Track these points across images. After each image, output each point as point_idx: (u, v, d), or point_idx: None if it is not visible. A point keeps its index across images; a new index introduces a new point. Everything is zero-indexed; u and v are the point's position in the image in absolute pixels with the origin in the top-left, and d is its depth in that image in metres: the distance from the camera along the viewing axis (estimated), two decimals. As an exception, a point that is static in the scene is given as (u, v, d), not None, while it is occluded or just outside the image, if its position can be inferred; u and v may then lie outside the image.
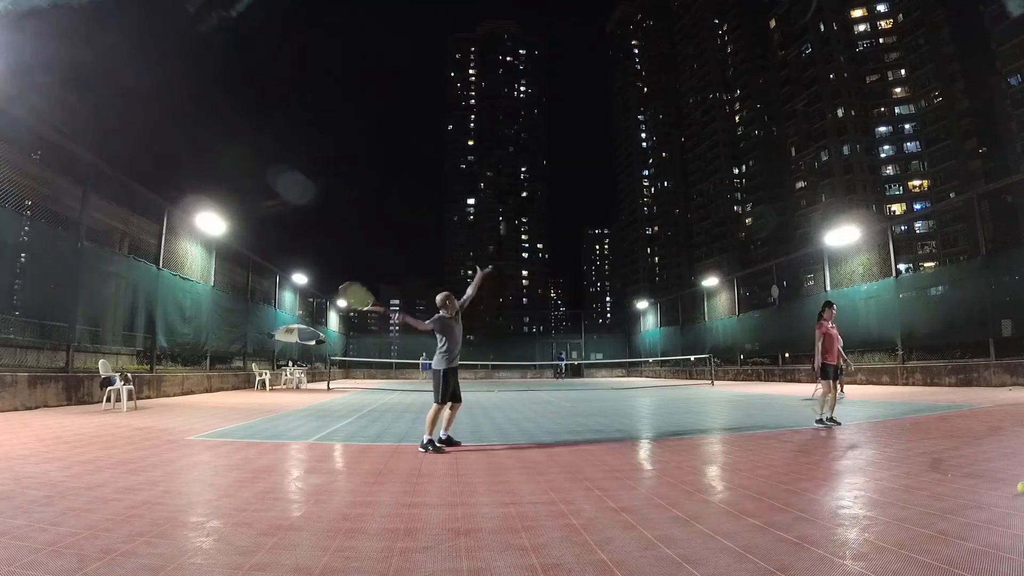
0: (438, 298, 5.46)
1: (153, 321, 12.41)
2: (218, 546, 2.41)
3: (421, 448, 4.95)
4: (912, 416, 7.21)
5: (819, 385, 6.82)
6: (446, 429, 5.28)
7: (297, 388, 17.71)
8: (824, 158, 68.44)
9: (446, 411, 5.27)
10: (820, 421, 6.41)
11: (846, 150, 66.02)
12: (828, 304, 6.98)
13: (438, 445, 5.01)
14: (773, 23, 76.39)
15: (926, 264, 50.97)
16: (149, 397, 11.39)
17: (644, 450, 5.35)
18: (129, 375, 9.49)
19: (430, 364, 5.50)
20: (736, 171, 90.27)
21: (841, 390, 10.80)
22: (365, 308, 5.81)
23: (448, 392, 5.19)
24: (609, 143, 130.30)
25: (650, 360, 31.47)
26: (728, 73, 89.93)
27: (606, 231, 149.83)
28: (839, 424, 6.35)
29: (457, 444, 5.24)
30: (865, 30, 67.73)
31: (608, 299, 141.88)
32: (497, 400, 12.37)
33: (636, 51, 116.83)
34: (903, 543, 2.30)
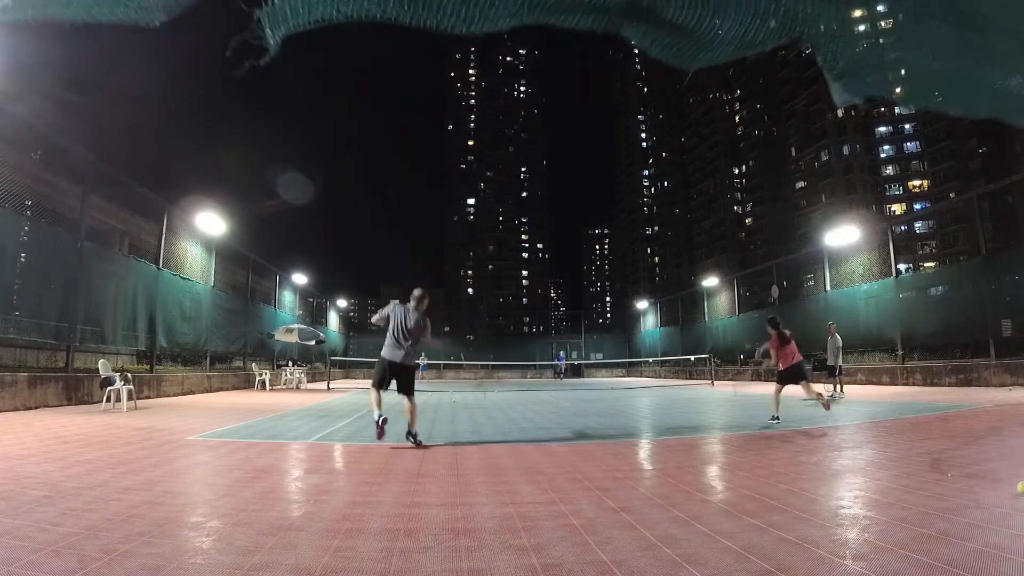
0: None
1: (153, 321, 12.41)
2: (218, 546, 2.41)
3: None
4: (912, 416, 7.21)
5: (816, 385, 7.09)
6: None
7: (297, 388, 17.71)
8: (824, 158, 68.47)
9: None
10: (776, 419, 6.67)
11: (846, 150, 66.06)
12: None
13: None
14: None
15: (926, 264, 51.04)
16: (149, 397, 11.39)
17: (644, 450, 5.35)
18: (129, 375, 9.48)
19: (425, 366, 5.74)
20: (736, 171, 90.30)
21: (841, 390, 10.85)
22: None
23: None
24: (609, 143, 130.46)
25: (650, 360, 31.47)
26: (728, 73, 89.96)
27: (606, 231, 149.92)
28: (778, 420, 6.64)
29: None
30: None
31: (608, 299, 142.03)
32: (497, 400, 12.37)
33: (636, 51, 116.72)
34: (903, 543, 2.30)
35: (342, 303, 32.99)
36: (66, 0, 2.41)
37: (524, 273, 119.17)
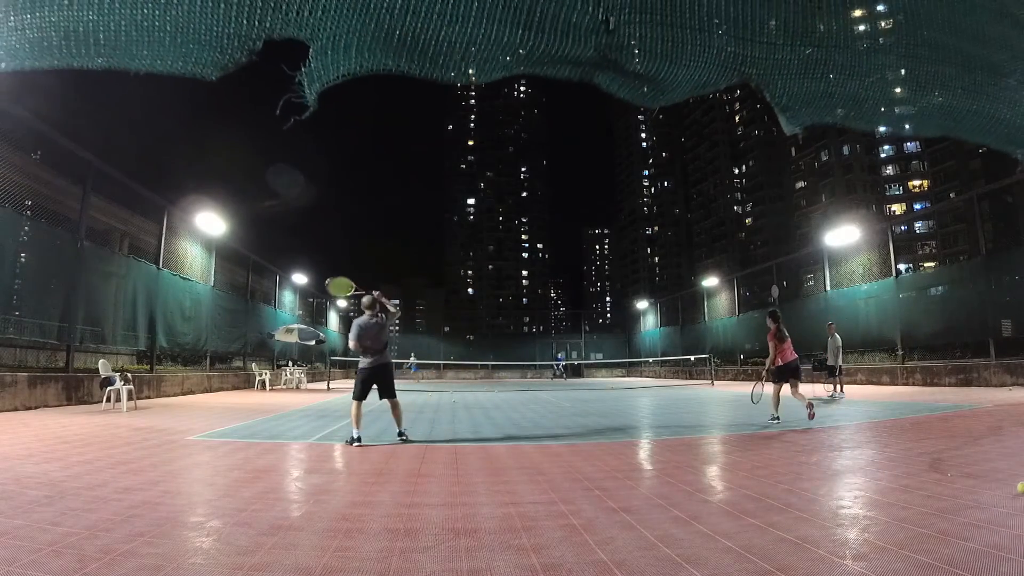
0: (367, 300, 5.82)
1: (153, 321, 12.41)
2: (218, 546, 2.41)
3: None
4: (912, 416, 7.21)
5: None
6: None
7: (297, 388, 17.71)
8: (824, 158, 68.47)
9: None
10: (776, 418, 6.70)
11: (846, 150, 66.03)
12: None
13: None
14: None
15: (926, 264, 51.03)
16: (149, 397, 11.39)
17: (644, 450, 5.35)
18: (129, 375, 9.49)
19: (417, 366, 5.82)
20: (736, 171, 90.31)
21: (841, 390, 10.84)
22: (350, 294, 6.30)
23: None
24: (609, 143, 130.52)
25: (650, 360, 31.47)
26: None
27: (606, 231, 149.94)
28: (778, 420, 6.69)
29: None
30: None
31: (608, 299, 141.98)
32: (497, 400, 12.37)
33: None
34: (903, 543, 2.30)
35: (342, 303, 32.96)
36: (132, 53, 2.81)
37: (524, 273, 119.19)
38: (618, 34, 3.10)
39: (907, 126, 3.84)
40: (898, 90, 3.50)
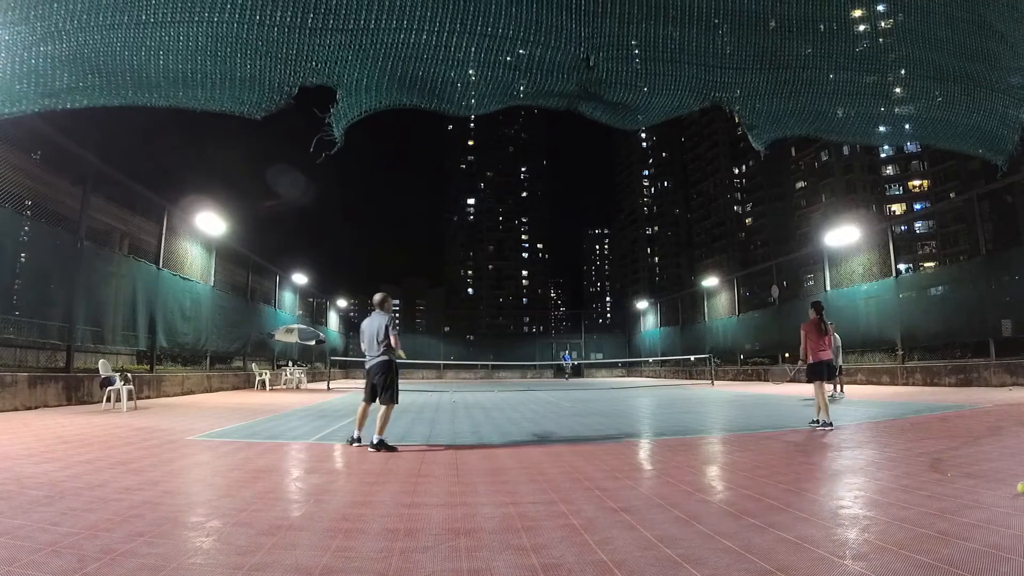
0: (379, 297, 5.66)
1: (153, 321, 12.40)
2: (218, 546, 2.41)
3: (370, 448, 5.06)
4: (912, 416, 7.21)
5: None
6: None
7: (297, 388, 17.71)
8: (824, 158, 68.41)
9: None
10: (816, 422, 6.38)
11: (846, 150, 65.93)
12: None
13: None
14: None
15: (926, 264, 51.02)
16: (149, 397, 11.39)
17: (644, 450, 5.35)
18: (129, 375, 9.48)
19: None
20: (736, 171, 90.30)
21: (841, 390, 10.83)
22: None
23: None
24: (609, 143, 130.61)
25: (650, 360, 31.46)
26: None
27: (606, 231, 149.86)
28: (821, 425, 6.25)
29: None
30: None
31: (608, 299, 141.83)
32: (497, 400, 12.37)
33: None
34: (903, 543, 2.30)
35: (342, 303, 32.98)
36: (190, 95, 3.29)
37: (524, 273, 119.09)
38: (598, 70, 3.58)
39: (880, 136, 4.09)
40: (871, 105, 3.80)
